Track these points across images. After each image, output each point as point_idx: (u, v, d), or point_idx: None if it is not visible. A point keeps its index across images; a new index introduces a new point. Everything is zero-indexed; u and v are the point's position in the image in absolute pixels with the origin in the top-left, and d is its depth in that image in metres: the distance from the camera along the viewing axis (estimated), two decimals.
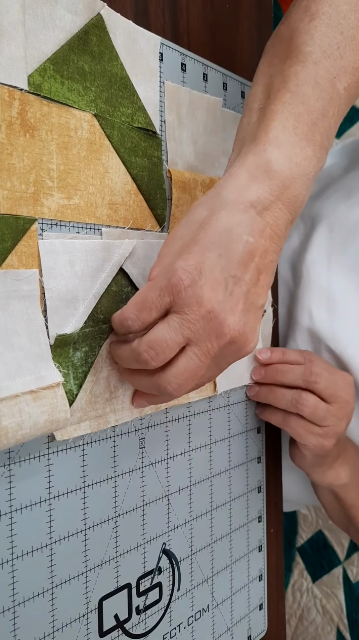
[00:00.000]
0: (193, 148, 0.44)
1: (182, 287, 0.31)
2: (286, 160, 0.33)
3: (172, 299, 0.32)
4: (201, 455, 0.47)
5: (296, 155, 0.34)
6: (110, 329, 0.37)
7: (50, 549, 0.34)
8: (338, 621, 1.15)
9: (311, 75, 0.34)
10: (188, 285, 0.31)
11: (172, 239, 0.34)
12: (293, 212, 0.34)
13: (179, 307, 0.32)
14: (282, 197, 0.33)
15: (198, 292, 0.31)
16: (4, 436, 0.28)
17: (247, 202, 0.33)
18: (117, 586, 0.39)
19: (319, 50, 0.35)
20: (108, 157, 0.37)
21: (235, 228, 0.32)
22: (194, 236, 0.33)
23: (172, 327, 0.32)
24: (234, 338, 0.33)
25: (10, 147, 0.31)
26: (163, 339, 0.32)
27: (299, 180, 0.34)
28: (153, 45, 0.40)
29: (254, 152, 0.34)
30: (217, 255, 0.32)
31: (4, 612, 0.32)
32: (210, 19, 0.48)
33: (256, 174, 0.33)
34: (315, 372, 0.47)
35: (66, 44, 0.34)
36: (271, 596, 0.57)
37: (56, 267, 0.33)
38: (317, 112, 0.34)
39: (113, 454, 0.38)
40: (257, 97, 0.37)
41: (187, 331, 0.32)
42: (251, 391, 0.52)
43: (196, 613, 0.47)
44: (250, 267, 0.33)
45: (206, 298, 0.31)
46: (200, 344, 0.33)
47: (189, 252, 0.32)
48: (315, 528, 1.21)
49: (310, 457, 0.50)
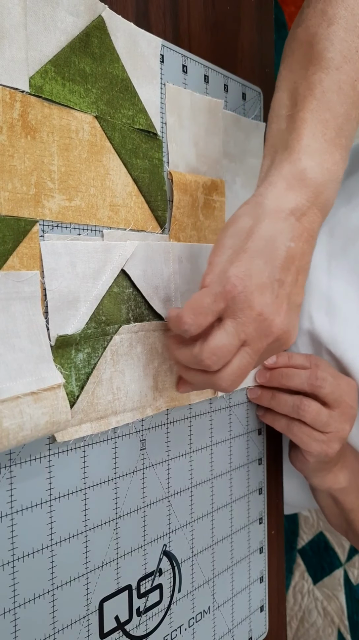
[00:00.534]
0: (194, 150, 0.44)
1: (236, 292, 0.34)
2: (318, 167, 0.36)
3: (226, 304, 0.35)
4: (202, 456, 0.47)
5: (327, 161, 0.36)
6: (112, 331, 0.37)
7: (51, 551, 0.34)
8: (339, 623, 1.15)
9: (334, 81, 0.37)
10: (241, 291, 0.34)
11: (221, 248, 0.36)
12: (325, 214, 0.38)
13: (233, 311, 0.35)
14: (316, 202, 0.36)
15: (249, 297, 0.34)
16: (4, 437, 0.28)
17: (287, 210, 0.36)
18: (118, 588, 0.39)
19: (339, 56, 0.37)
20: (109, 159, 0.37)
21: (278, 236, 0.35)
22: (242, 245, 0.35)
23: (229, 333, 0.35)
24: (279, 336, 0.36)
25: (11, 149, 0.31)
26: (223, 345, 0.35)
27: (330, 185, 0.37)
28: (154, 47, 0.40)
29: (289, 160, 0.36)
30: (263, 262, 0.35)
31: (5, 613, 0.32)
32: (210, 20, 0.48)
33: (293, 183, 0.36)
34: (321, 377, 0.47)
35: (67, 45, 0.34)
36: (272, 598, 0.57)
37: (58, 269, 0.33)
38: (342, 116, 0.37)
39: (114, 456, 0.38)
40: (283, 103, 0.39)
41: (242, 335, 0.35)
42: (252, 394, 0.52)
43: (197, 615, 0.47)
44: (291, 270, 0.36)
45: (256, 302, 0.34)
46: (252, 344, 0.36)
47: (239, 260, 0.35)
48: (316, 530, 1.21)
49: (313, 462, 0.50)
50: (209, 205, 0.46)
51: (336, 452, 0.48)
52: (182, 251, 0.43)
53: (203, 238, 0.45)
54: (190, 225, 0.44)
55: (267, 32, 0.55)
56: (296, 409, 0.47)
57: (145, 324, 0.40)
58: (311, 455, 0.49)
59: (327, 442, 0.47)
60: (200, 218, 0.45)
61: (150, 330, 0.40)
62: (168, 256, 0.41)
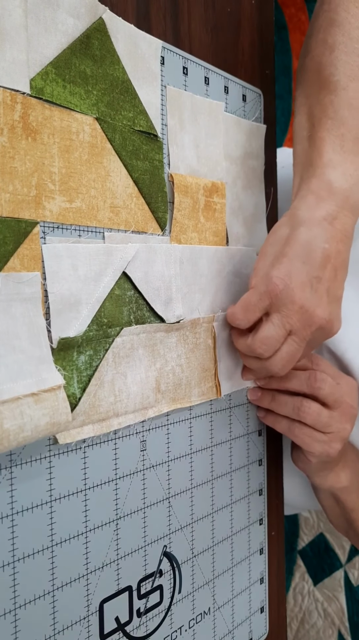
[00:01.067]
0: (195, 152, 0.44)
1: (278, 290, 0.39)
2: (342, 176, 0.41)
3: (270, 301, 0.40)
4: (203, 457, 0.47)
5: (349, 169, 0.41)
6: (114, 333, 0.37)
7: (52, 552, 0.34)
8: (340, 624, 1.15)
9: (343, 100, 0.42)
10: (283, 289, 0.39)
11: (263, 255, 0.42)
12: (356, 214, 0.42)
13: (277, 307, 0.40)
14: (346, 205, 0.41)
15: (291, 294, 0.39)
16: (5, 438, 0.28)
17: (320, 217, 0.40)
18: (118, 589, 0.39)
19: (344, 77, 0.42)
20: (109, 161, 0.37)
21: (313, 239, 0.40)
22: (281, 250, 0.41)
23: (275, 325, 0.40)
24: (322, 325, 0.41)
25: (12, 151, 0.31)
26: (271, 335, 0.41)
27: (356, 188, 0.41)
28: (154, 49, 0.40)
29: (315, 176, 0.42)
30: (302, 263, 0.40)
31: (5, 614, 0.32)
32: (211, 22, 0.48)
33: (322, 194, 0.41)
34: (319, 379, 0.47)
35: (68, 47, 0.34)
36: (272, 599, 0.57)
37: (59, 271, 0.33)
38: (356, 127, 0.42)
39: (115, 457, 0.39)
40: (303, 125, 0.45)
41: (287, 325, 0.40)
42: (252, 396, 0.52)
43: (197, 616, 0.47)
44: (328, 267, 0.40)
45: (297, 297, 0.40)
46: (298, 333, 0.41)
47: (279, 263, 0.40)
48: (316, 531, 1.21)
49: (316, 462, 0.50)
50: (210, 208, 0.46)
51: (338, 452, 0.48)
52: (183, 253, 0.43)
53: (204, 240, 0.46)
54: (190, 227, 0.44)
55: (267, 34, 0.55)
56: (297, 411, 0.47)
57: (146, 326, 0.40)
58: (313, 456, 0.49)
59: (328, 443, 0.47)
60: (200, 220, 0.45)
61: (152, 332, 0.40)
62: (169, 258, 0.42)
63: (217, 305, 0.47)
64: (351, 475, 0.53)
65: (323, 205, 0.41)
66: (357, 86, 0.42)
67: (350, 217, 0.41)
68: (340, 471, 0.52)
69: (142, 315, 0.40)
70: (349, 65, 0.42)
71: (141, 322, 0.40)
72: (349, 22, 0.42)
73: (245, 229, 0.51)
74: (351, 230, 0.42)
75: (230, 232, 0.49)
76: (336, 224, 0.41)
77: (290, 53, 1.50)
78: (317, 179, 0.41)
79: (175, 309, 0.42)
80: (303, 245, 0.40)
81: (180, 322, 0.43)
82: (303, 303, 0.40)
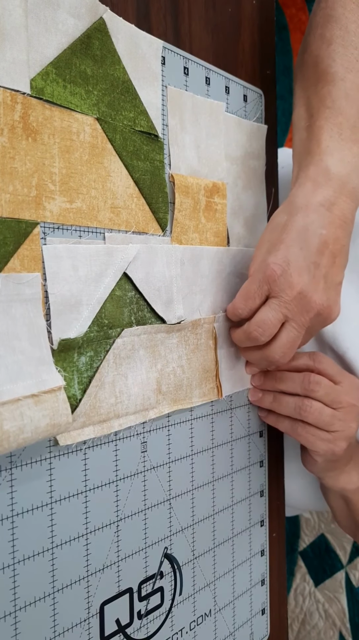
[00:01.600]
0: (195, 152, 0.44)
1: (276, 276, 0.40)
2: (339, 162, 0.41)
3: (269, 287, 0.40)
4: (204, 459, 0.47)
5: (347, 156, 0.42)
6: (114, 334, 0.37)
7: (52, 553, 0.34)
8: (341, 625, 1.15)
9: (341, 90, 0.42)
10: (280, 275, 0.40)
11: (261, 243, 0.43)
12: (355, 200, 0.42)
13: (275, 292, 0.40)
14: (344, 191, 0.41)
15: (289, 279, 0.40)
16: (5, 440, 0.28)
17: (317, 203, 0.41)
18: (119, 591, 0.39)
19: (342, 69, 0.42)
20: (110, 161, 0.37)
21: (310, 225, 0.40)
22: (279, 237, 0.41)
23: (272, 309, 0.40)
24: (320, 310, 0.41)
25: (12, 151, 0.31)
26: (267, 318, 0.41)
27: (353, 174, 0.41)
28: (155, 49, 0.40)
29: (313, 163, 0.42)
30: (299, 249, 0.40)
31: (5, 616, 0.32)
32: (212, 22, 0.48)
33: (319, 180, 0.41)
34: (313, 381, 0.46)
35: (68, 47, 0.34)
36: (273, 600, 0.57)
37: (60, 272, 0.33)
38: (354, 116, 0.42)
39: (115, 458, 0.38)
40: (301, 116, 0.45)
41: (285, 310, 0.40)
42: (253, 396, 0.51)
43: (198, 618, 0.46)
44: (326, 253, 0.40)
45: (295, 282, 0.40)
46: (296, 319, 0.41)
47: (277, 249, 0.40)
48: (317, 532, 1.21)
49: (321, 462, 0.49)
50: (210, 208, 0.46)
51: (344, 450, 0.48)
52: (184, 254, 0.43)
53: (204, 240, 0.45)
54: (191, 228, 0.44)
55: (268, 34, 0.55)
56: (299, 410, 0.47)
57: (147, 327, 0.40)
58: (318, 455, 0.48)
59: (333, 441, 0.47)
60: (201, 220, 0.45)
61: (152, 333, 0.40)
62: (170, 259, 0.41)
63: (218, 306, 0.47)
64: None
65: (321, 191, 0.41)
66: (354, 77, 0.42)
67: (349, 203, 0.41)
68: (351, 471, 0.52)
69: (143, 316, 0.40)
70: (347, 57, 0.42)
71: (142, 323, 0.40)
72: (346, 16, 0.43)
73: (246, 230, 0.51)
74: (350, 216, 0.41)
75: (231, 233, 0.49)
76: (335, 210, 0.41)
77: (291, 53, 1.50)
78: (315, 165, 0.42)
79: (176, 309, 0.42)
80: (300, 231, 0.40)
81: (181, 323, 0.42)
82: (301, 288, 0.40)
